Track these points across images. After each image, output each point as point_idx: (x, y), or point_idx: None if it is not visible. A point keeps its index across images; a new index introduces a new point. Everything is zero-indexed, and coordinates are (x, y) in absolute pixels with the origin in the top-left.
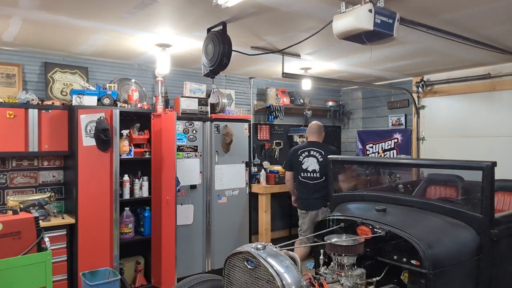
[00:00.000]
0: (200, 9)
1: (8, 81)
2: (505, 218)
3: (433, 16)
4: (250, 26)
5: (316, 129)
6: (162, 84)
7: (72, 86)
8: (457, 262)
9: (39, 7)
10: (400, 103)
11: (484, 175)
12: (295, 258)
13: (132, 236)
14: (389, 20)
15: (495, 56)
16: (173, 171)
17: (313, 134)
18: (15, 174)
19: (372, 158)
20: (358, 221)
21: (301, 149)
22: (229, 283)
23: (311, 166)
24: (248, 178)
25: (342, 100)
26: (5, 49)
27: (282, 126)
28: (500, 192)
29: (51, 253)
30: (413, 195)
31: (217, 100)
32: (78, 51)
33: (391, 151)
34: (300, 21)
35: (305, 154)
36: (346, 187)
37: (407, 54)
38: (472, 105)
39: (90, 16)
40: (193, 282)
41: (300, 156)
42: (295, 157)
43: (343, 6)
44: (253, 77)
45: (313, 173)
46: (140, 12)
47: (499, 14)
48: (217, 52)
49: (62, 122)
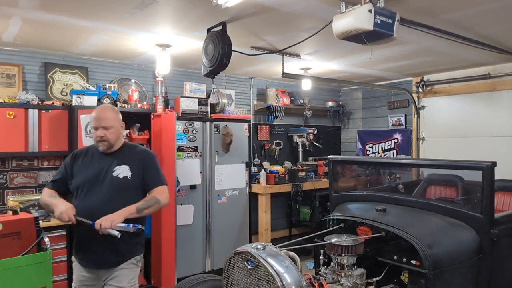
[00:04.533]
0: (200, 9)
1: (8, 81)
2: (505, 218)
3: (433, 16)
4: (250, 26)
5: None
6: (162, 84)
7: (72, 86)
8: (457, 262)
9: (39, 7)
10: (400, 103)
11: (484, 175)
12: (295, 258)
13: None
14: (389, 20)
15: (495, 56)
16: (173, 171)
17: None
18: (15, 174)
19: (372, 158)
20: (358, 221)
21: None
22: (229, 283)
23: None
24: (248, 178)
25: (342, 100)
26: (5, 49)
27: (282, 126)
28: (500, 192)
29: (51, 253)
30: (413, 195)
31: (217, 100)
32: (78, 51)
33: (391, 151)
34: (300, 21)
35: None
36: (346, 187)
37: (407, 54)
38: (472, 105)
39: (90, 16)
40: (193, 282)
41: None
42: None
43: (343, 6)
44: (253, 77)
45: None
46: (140, 12)
47: (499, 14)
48: (217, 52)
49: (62, 122)
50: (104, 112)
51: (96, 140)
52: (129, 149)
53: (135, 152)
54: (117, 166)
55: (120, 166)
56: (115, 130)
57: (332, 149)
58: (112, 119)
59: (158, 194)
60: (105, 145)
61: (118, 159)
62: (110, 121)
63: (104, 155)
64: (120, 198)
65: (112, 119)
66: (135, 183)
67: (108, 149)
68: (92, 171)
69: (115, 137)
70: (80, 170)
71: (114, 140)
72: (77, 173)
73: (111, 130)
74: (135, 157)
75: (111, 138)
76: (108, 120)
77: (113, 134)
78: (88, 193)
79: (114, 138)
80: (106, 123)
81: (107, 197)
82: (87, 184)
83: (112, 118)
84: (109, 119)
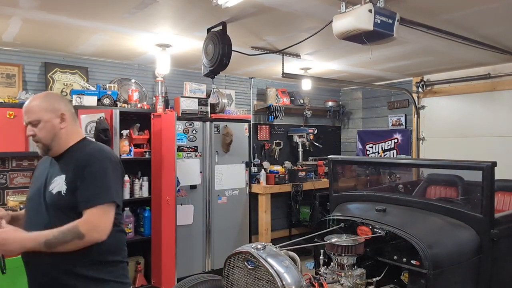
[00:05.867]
0: (200, 9)
1: (8, 81)
2: (505, 218)
3: (433, 16)
4: (250, 26)
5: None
6: (162, 84)
7: (72, 86)
8: (457, 262)
9: (39, 7)
10: (400, 103)
11: (484, 175)
12: (295, 258)
13: (132, 236)
14: (389, 20)
15: (495, 56)
16: (173, 171)
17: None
18: (15, 174)
19: (372, 158)
20: (358, 221)
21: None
22: (229, 283)
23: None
24: (248, 178)
25: (342, 100)
26: (5, 49)
27: (282, 126)
28: (500, 192)
29: None
30: (413, 195)
31: (217, 100)
32: (78, 51)
33: (391, 151)
34: (300, 21)
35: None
36: (346, 187)
37: (407, 54)
38: (472, 105)
39: (90, 16)
40: (193, 282)
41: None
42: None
43: (343, 6)
44: (253, 77)
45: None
46: (140, 12)
47: (499, 14)
48: (217, 52)
49: None
50: (29, 103)
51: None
52: (77, 151)
53: (77, 156)
54: (57, 176)
55: (59, 176)
56: (45, 124)
57: (332, 149)
58: (37, 109)
59: (82, 224)
60: (40, 147)
61: (61, 167)
62: (35, 112)
63: (53, 161)
64: (52, 222)
65: (37, 109)
66: (69, 201)
67: (46, 153)
68: (35, 184)
69: (48, 134)
70: (33, 181)
71: (48, 139)
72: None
73: (40, 126)
74: (73, 163)
75: (42, 137)
76: (32, 112)
77: (43, 130)
78: (27, 216)
79: (46, 136)
80: (31, 117)
81: (41, 223)
82: (28, 203)
83: (37, 109)
84: (33, 110)
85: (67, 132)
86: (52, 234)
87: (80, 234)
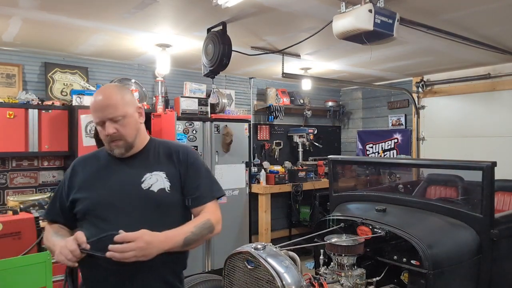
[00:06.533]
0: (200, 9)
1: (8, 81)
2: (505, 218)
3: (433, 16)
4: (250, 26)
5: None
6: (162, 84)
7: (72, 86)
8: (457, 262)
9: (39, 7)
10: (400, 103)
11: (484, 175)
12: (295, 258)
13: None
14: (389, 20)
15: (495, 56)
16: None
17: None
18: (15, 174)
19: (372, 158)
20: (358, 221)
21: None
22: (229, 283)
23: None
24: (248, 178)
25: (342, 100)
26: (5, 49)
27: (282, 126)
28: (500, 192)
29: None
30: (413, 195)
31: (217, 100)
32: (78, 51)
33: (391, 151)
34: (300, 21)
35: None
36: (346, 187)
37: (407, 54)
38: (472, 105)
39: (90, 16)
40: (193, 282)
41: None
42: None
43: (343, 6)
44: (253, 77)
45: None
46: (140, 12)
47: (499, 14)
48: (217, 52)
49: (62, 122)
50: (107, 97)
51: (107, 142)
52: (160, 147)
53: (169, 151)
54: (147, 174)
55: (152, 173)
56: (130, 120)
57: (332, 149)
58: (122, 104)
59: (213, 217)
60: (122, 145)
61: (147, 164)
62: (120, 107)
63: (121, 160)
64: (160, 223)
65: (122, 104)
66: (176, 197)
67: (127, 152)
68: (109, 186)
69: (133, 130)
70: (87, 186)
71: (133, 135)
72: (84, 191)
73: (124, 122)
74: (170, 157)
75: (127, 134)
76: (116, 107)
77: (127, 127)
78: (107, 218)
79: (131, 132)
80: (114, 112)
81: (140, 222)
82: (103, 205)
83: (122, 103)
84: (117, 105)
85: (142, 127)
86: (189, 231)
87: (212, 227)
